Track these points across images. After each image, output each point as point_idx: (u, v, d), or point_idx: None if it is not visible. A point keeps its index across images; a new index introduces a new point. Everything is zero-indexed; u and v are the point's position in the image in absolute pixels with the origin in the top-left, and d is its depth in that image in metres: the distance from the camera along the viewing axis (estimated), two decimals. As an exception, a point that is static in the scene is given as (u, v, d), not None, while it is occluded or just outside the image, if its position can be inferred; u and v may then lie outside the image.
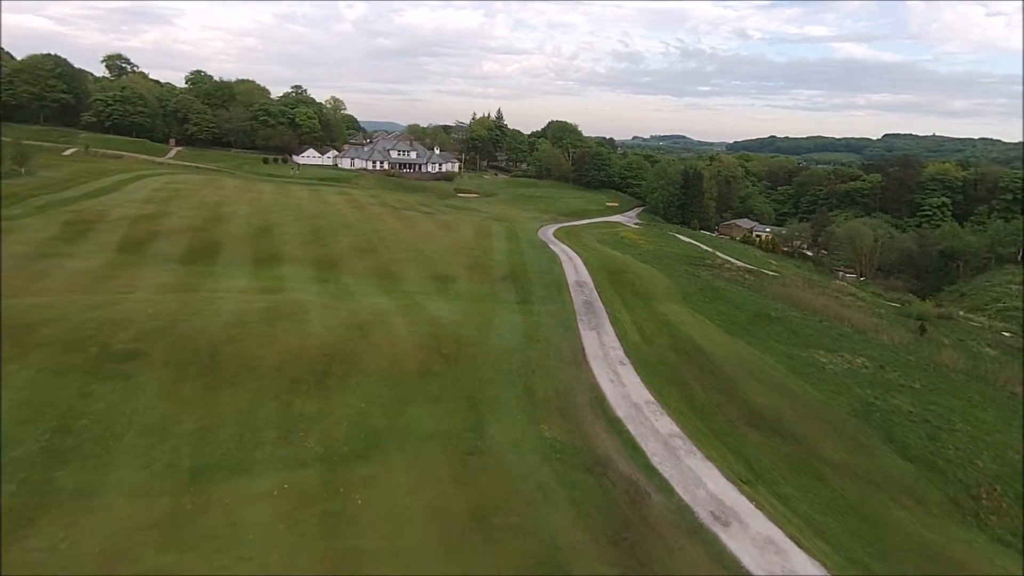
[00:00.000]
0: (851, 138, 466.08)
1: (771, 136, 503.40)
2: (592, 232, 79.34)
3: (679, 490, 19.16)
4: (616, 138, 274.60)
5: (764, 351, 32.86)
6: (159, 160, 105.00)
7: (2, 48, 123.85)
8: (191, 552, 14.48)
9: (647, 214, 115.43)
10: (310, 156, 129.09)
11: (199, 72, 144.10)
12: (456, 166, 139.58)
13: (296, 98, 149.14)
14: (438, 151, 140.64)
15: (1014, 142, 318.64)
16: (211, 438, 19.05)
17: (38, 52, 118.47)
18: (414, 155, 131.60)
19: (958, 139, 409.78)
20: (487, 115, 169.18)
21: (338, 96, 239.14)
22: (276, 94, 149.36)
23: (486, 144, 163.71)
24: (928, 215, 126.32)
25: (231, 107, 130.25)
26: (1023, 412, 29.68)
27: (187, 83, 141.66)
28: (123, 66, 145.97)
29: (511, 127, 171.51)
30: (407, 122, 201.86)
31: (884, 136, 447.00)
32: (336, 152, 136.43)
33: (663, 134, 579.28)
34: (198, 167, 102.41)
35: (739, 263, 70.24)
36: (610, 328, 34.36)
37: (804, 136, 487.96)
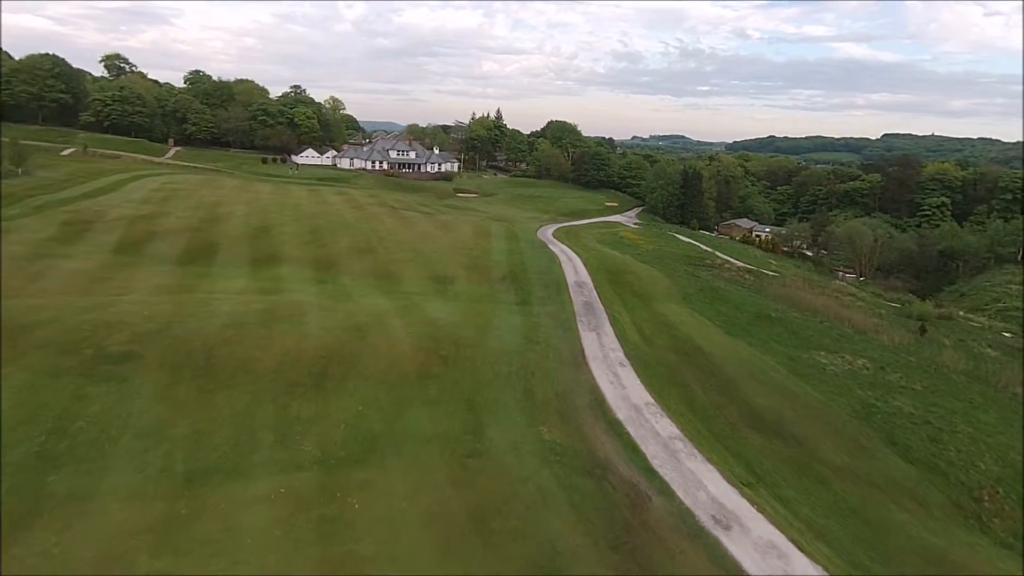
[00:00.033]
0: (850, 138, 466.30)
1: (770, 136, 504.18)
2: (591, 232, 79.19)
3: (680, 493, 19.01)
4: (615, 138, 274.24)
5: (765, 352, 32.71)
6: (157, 160, 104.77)
7: (1, 48, 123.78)
8: (186, 557, 14.34)
9: (646, 214, 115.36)
10: (309, 156, 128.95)
11: (198, 72, 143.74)
12: (455, 166, 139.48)
13: (295, 98, 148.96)
14: (437, 151, 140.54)
15: (1013, 142, 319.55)
16: (206, 441, 18.86)
17: (37, 52, 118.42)
18: (413, 155, 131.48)
19: (957, 139, 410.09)
20: (486, 115, 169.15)
21: (337, 96, 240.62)
22: (275, 94, 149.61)
23: (485, 144, 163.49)
24: (928, 215, 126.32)
25: (230, 107, 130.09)
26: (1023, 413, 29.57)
27: (186, 83, 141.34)
28: (122, 66, 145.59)
29: (510, 127, 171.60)
30: (406, 122, 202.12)
31: (883, 136, 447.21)
32: (335, 152, 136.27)
33: (662, 134, 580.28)
34: (196, 167, 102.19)
35: (739, 263, 70.11)
36: (610, 329, 34.19)
37: (803, 136, 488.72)
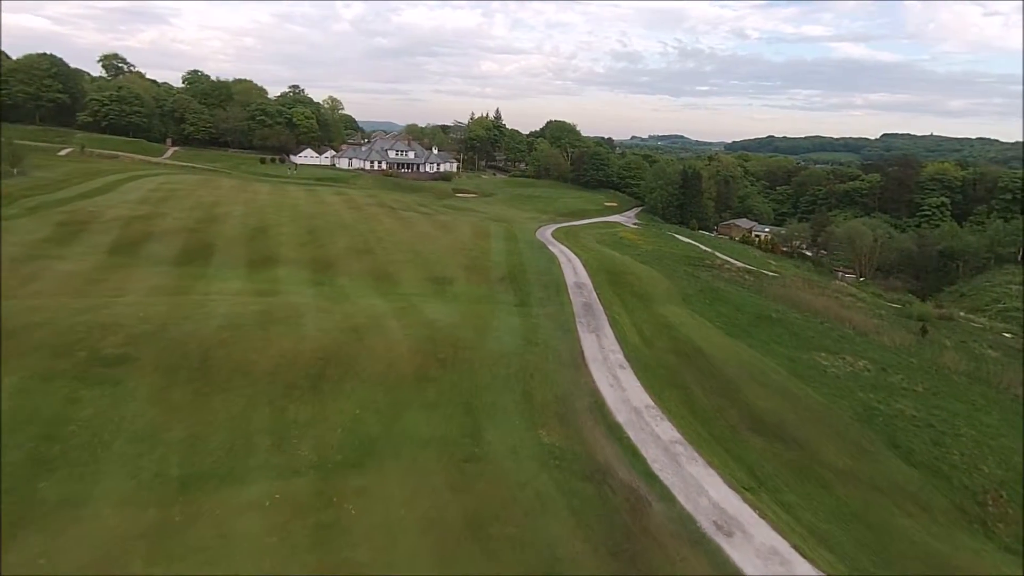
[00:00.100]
0: (849, 138, 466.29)
1: (769, 136, 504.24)
2: (591, 232, 78.97)
3: (681, 498, 18.80)
4: (614, 138, 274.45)
5: (765, 354, 32.49)
6: (155, 160, 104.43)
7: (0, 48, 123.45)
8: (180, 564, 14.14)
9: (646, 214, 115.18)
10: (308, 156, 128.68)
11: (196, 72, 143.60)
12: (454, 166, 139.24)
13: (294, 98, 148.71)
14: (436, 151, 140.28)
15: (1012, 142, 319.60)
16: (201, 446, 18.62)
17: (35, 52, 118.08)
18: (412, 155, 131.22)
19: (956, 139, 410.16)
20: (485, 115, 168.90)
21: (336, 96, 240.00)
22: (274, 94, 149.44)
23: (484, 144, 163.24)
24: (927, 215, 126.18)
25: (228, 107, 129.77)
26: (1026, 415, 29.39)
27: (184, 83, 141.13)
28: (120, 66, 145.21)
29: (509, 127, 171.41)
30: (405, 122, 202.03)
31: (882, 136, 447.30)
32: (334, 152, 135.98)
33: (661, 134, 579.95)
34: (194, 167, 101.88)
35: (738, 263, 69.92)
36: (609, 331, 33.97)
37: (802, 136, 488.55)
